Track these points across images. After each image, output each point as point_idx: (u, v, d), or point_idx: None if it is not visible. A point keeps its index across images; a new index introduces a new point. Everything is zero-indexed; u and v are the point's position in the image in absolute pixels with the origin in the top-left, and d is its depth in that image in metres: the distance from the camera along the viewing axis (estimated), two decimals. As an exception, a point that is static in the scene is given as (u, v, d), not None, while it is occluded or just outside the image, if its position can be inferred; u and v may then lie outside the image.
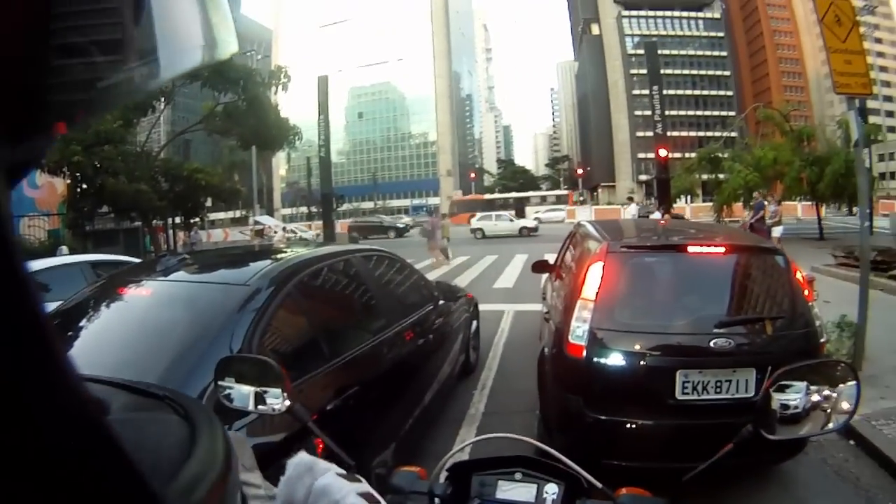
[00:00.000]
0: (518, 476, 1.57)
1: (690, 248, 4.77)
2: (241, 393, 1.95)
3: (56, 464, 0.38)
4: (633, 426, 4.20)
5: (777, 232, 18.77)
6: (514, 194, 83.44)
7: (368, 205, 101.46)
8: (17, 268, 0.37)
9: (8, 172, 0.39)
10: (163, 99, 27.71)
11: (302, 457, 1.10)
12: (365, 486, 1.05)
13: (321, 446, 2.69)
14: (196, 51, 0.59)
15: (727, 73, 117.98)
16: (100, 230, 26.83)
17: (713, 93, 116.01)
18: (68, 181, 24.07)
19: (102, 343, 3.26)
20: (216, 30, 0.60)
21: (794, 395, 1.69)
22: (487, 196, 79.97)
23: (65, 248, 18.38)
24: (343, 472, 1.08)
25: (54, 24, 0.41)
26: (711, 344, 4.16)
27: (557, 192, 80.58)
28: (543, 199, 71.50)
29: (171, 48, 0.54)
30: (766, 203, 20.40)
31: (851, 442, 5.54)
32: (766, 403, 1.67)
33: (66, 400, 0.40)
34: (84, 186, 23.98)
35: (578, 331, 4.33)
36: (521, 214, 55.48)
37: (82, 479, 0.40)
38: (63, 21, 0.42)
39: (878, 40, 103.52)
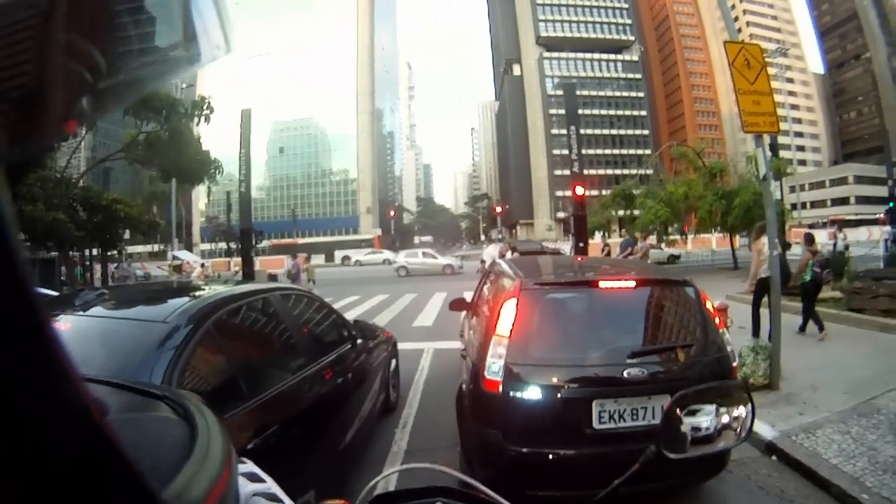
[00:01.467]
0: None
1: (602, 283, 4.91)
2: (163, 430, 1.94)
3: (56, 463, 0.38)
4: (554, 456, 4.27)
5: None
6: (323, 238, 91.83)
7: (288, 241, 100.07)
8: (17, 268, 0.37)
9: (9, 173, 0.39)
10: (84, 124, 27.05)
11: None
12: (266, 487, 1.01)
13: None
14: (208, 48, 0.64)
15: (644, 113, 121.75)
16: (14, 259, 25.89)
17: (630, 132, 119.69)
18: (-19, 205, 22.88)
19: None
20: (225, 28, 0.65)
21: (704, 418, 1.80)
22: (300, 241, 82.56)
23: None
24: (248, 470, 1.05)
25: (66, 24, 0.42)
26: (625, 374, 4.30)
27: (367, 236, 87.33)
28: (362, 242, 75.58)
29: (189, 45, 0.59)
30: (634, 241, 21.06)
31: (773, 458, 5.82)
32: (667, 424, 1.76)
33: (67, 400, 0.40)
34: (-1, 211, 22.84)
35: (494, 366, 4.42)
36: (329, 258, 61.34)
37: (82, 478, 0.40)
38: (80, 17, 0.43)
39: (790, 80, 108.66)
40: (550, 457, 4.29)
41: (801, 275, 11.16)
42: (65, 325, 3.60)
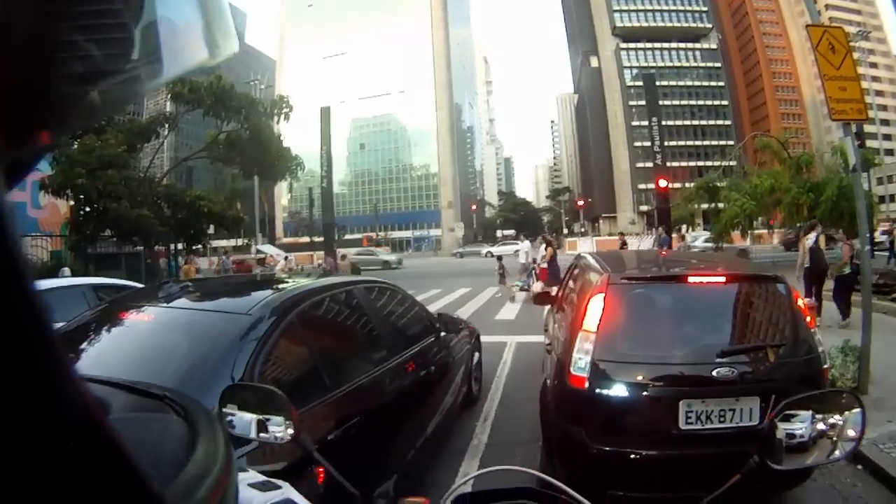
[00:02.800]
0: None
1: (691, 279, 4.79)
2: (244, 420, 1.93)
3: (57, 463, 0.38)
4: (637, 456, 4.18)
5: None
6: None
7: (370, 235, 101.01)
8: (18, 268, 0.37)
9: (8, 173, 0.39)
10: (166, 125, 28.05)
11: None
12: (281, 494, 0.98)
13: (322, 475, 2.67)
14: (196, 51, 0.60)
15: (725, 102, 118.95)
16: (102, 253, 26.82)
17: (711, 122, 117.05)
18: (72, 203, 24.24)
19: (102, 366, 3.23)
20: (216, 31, 0.61)
21: (800, 425, 1.69)
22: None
23: (67, 270, 18.27)
24: (260, 479, 1.02)
25: (55, 25, 0.41)
26: (714, 373, 4.15)
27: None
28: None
29: (172, 48, 0.55)
30: (671, 238, 20.35)
31: (859, 466, 5.52)
32: (771, 433, 1.66)
33: (68, 400, 0.40)
34: (87, 209, 24.14)
35: (580, 362, 4.33)
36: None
37: (83, 478, 0.40)
38: (63, 22, 0.42)
39: (874, 65, 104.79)
40: (633, 456, 4.20)
41: (842, 268, 11.80)
42: (148, 316, 3.67)
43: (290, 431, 1.85)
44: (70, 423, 0.40)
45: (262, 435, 1.90)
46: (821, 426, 1.71)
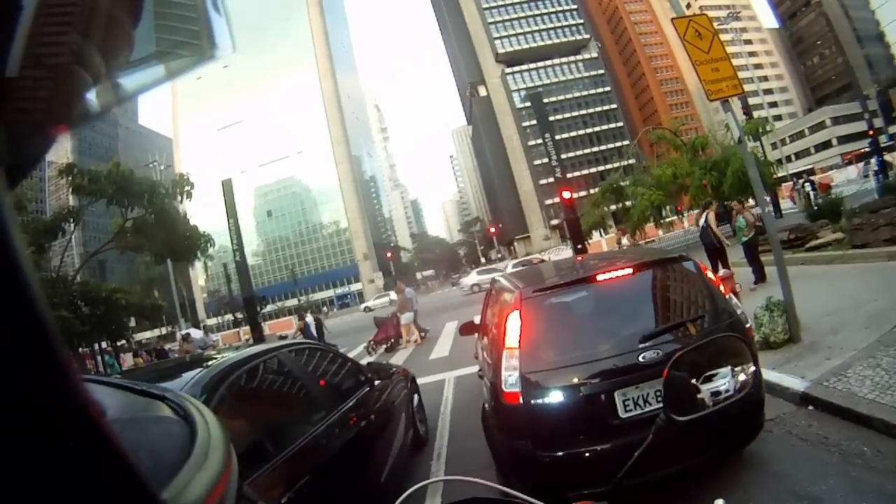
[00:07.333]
0: None
1: (599, 276, 4.91)
2: None
3: (56, 463, 0.39)
4: (588, 454, 4.25)
5: None
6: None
7: (292, 301, 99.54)
8: (18, 270, 0.37)
9: (9, 172, 0.39)
10: (71, 220, 27.34)
11: None
12: None
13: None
14: (195, 51, 0.64)
15: (614, 105, 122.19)
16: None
17: (605, 127, 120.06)
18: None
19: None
20: (214, 30, 0.65)
21: (722, 381, 1.80)
22: None
23: None
24: None
25: (54, 25, 0.42)
26: (641, 358, 4.30)
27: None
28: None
29: (171, 48, 0.60)
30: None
31: (810, 407, 5.79)
32: (669, 388, 1.76)
33: (67, 400, 0.40)
34: (1, 316, 22.95)
35: (511, 379, 4.44)
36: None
37: (83, 478, 0.40)
38: (63, 21, 0.43)
39: (748, 41, 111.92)
40: (584, 455, 4.26)
41: (747, 234, 12.06)
42: None
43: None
44: (69, 424, 0.40)
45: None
46: (741, 377, 1.82)
